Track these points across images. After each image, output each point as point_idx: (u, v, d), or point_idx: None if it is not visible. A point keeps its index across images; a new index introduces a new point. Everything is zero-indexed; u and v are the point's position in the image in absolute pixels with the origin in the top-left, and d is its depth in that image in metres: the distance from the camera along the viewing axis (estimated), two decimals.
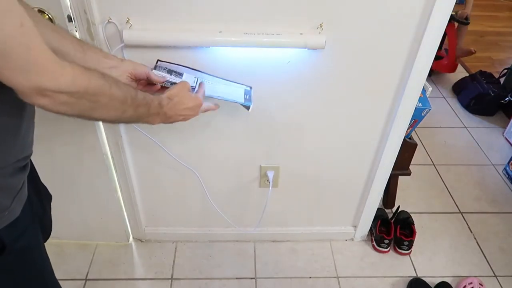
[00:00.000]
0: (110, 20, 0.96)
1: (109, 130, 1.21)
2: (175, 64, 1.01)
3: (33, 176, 0.80)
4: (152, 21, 0.97)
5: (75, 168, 1.30)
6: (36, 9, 0.91)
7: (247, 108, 1.03)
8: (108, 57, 0.87)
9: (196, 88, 0.96)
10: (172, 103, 0.82)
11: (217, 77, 1.04)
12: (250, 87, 1.08)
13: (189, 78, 0.98)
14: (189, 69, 1.01)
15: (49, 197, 0.91)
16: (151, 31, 0.97)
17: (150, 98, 0.76)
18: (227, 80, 1.05)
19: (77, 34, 0.98)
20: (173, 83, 0.94)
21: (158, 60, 0.99)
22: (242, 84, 1.07)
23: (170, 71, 0.98)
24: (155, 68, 0.97)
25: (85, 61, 0.81)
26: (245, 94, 1.04)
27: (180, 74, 0.98)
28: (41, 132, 1.18)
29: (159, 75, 0.94)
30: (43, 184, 0.88)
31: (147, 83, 0.94)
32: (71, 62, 0.57)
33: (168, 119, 0.84)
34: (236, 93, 1.03)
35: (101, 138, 1.22)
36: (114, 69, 0.86)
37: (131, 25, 0.96)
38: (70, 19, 0.95)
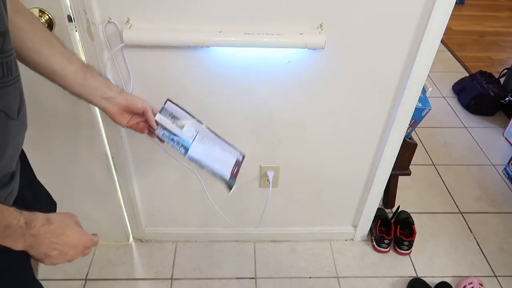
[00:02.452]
0: (110, 20, 0.96)
1: (109, 130, 1.21)
2: (183, 110, 0.96)
3: (32, 185, 0.77)
4: (152, 21, 0.97)
5: (75, 168, 1.30)
6: (37, 9, 0.91)
7: (229, 188, 0.99)
8: (109, 87, 0.83)
9: (193, 141, 0.93)
10: (50, 228, 0.63)
11: (217, 135, 1.00)
12: (243, 156, 1.04)
13: (189, 130, 0.96)
14: (194, 119, 0.97)
15: (53, 205, 0.88)
16: (151, 31, 0.97)
17: (9, 213, 0.56)
18: (225, 142, 1.01)
19: (77, 34, 0.98)
20: (170, 132, 0.92)
21: (167, 100, 0.95)
22: (237, 151, 1.03)
23: (174, 118, 0.94)
24: (161, 110, 0.93)
25: (84, 87, 0.79)
26: (235, 165, 1.01)
27: (181, 127, 0.95)
28: (41, 132, 1.18)
29: (161, 119, 0.91)
30: (45, 192, 0.85)
31: (144, 120, 0.90)
32: None
33: (38, 247, 0.62)
34: (226, 163, 0.99)
35: (101, 138, 1.22)
36: (109, 100, 0.83)
37: (131, 25, 0.96)
38: (70, 19, 0.95)
